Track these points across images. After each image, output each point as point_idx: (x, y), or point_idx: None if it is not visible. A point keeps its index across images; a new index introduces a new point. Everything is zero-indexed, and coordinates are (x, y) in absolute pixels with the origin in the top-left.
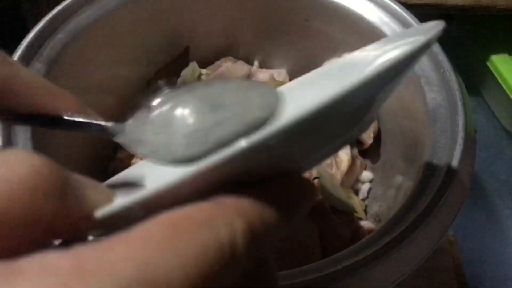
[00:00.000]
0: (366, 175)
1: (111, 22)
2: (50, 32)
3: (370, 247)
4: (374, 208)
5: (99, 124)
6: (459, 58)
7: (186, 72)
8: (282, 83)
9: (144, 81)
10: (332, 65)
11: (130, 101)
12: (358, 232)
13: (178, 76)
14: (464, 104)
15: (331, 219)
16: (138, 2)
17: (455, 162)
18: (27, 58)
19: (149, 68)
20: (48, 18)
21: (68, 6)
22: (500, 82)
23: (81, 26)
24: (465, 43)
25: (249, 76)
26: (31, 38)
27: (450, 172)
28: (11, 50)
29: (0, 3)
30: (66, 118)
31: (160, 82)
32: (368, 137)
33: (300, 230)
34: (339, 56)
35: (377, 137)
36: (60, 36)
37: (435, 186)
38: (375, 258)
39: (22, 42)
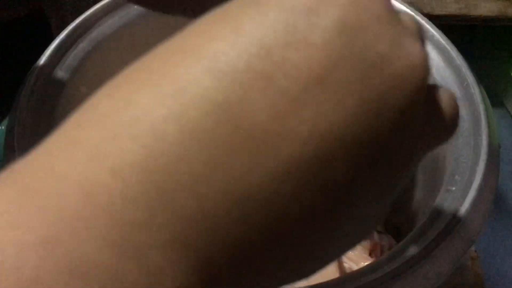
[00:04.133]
0: None
1: (132, 32)
2: (73, 41)
3: (390, 264)
4: (393, 221)
5: None
6: (481, 69)
7: None
8: None
9: None
10: None
11: None
12: (376, 246)
13: None
14: (487, 119)
15: None
16: (159, 12)
17: (478, 179)
18: (50, 66)
19: None
20: (71, 27)
21: (91, 16)
22: None
23: (103, 36)
24: (488, 54)
25: None
26: (55, 46)
27: (473, 188)
28: (35, 58)
29: (25, 11)
30: None
31: None
32: None
33: None
34: None
35: None
36: (83, 45)
37: (457, 203)
38: (395, 275)
39: (46, 50)
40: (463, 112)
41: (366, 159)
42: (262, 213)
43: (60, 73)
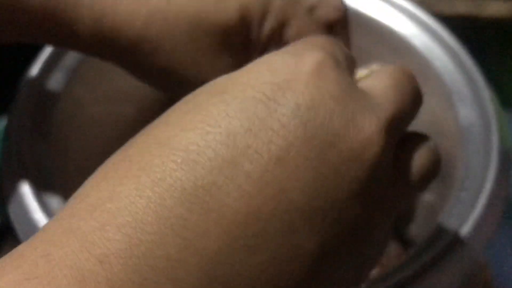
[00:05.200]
0: None
1: None
2: None
3: (398, 274)
4: (401, 227)
5: None
6: (492, 71)
7: None
8: None
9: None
10: None
11: (150, 111)
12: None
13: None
14: (498, 124)
15: None
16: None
17: (489, 186)
18: (47, 68)
19: None
20: None
21: None
22: None
23: None
24: (499, 55)
25: None
26: (52, 48)
27: (484, 196)
28: (31, 58)
29: None
30: None
31: None
32: None
33: None
34: (367, 67)
35: None
36: None
37: (467, 211)
38: (402, 286)
39: (42, 52)
40: (473, 116)
41: (329, 228)
42: (235, 285)
43: (58, 75)
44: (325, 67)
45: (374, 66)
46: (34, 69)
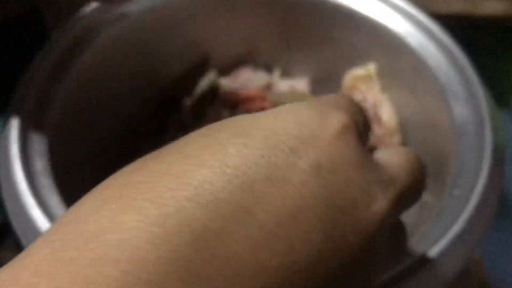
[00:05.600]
0: None
1: (130, 32)
2: (70, 40)
3: (388, 272)
4: None
5: None
6: (487, 70)
7: (204, 82)
8: (303, 95)
9: (162, 90)
10: None
11: (147, 111)
12: None
13: (196, 85)
14: (492, 121)
15: None
16: (157, 11)
17: (482, 183)
18: (46, 67)
19: (167, 77)
20: (68, 25)
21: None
22: None
23: (102, 39)
24: (494, 54)
25: (268, 87)
26: (51, 44)
27: (477, 193)
28: (29, 57)
29: (19, 7)
30: None
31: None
32: None
33: None
34: (362, 65)
35: None
36: (80, 45)
37: (460, 208)
38: (395, 280)
39: (42, 49)
40: (467, 113)
41: (327, 285)
42: None
43: (56, 74)
44: (348, 132)
45: (370, 65)
46: (33, 68)
